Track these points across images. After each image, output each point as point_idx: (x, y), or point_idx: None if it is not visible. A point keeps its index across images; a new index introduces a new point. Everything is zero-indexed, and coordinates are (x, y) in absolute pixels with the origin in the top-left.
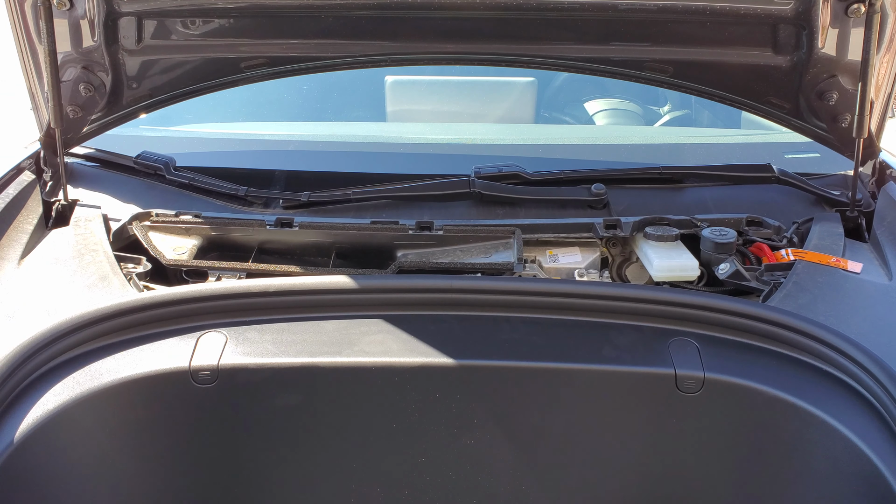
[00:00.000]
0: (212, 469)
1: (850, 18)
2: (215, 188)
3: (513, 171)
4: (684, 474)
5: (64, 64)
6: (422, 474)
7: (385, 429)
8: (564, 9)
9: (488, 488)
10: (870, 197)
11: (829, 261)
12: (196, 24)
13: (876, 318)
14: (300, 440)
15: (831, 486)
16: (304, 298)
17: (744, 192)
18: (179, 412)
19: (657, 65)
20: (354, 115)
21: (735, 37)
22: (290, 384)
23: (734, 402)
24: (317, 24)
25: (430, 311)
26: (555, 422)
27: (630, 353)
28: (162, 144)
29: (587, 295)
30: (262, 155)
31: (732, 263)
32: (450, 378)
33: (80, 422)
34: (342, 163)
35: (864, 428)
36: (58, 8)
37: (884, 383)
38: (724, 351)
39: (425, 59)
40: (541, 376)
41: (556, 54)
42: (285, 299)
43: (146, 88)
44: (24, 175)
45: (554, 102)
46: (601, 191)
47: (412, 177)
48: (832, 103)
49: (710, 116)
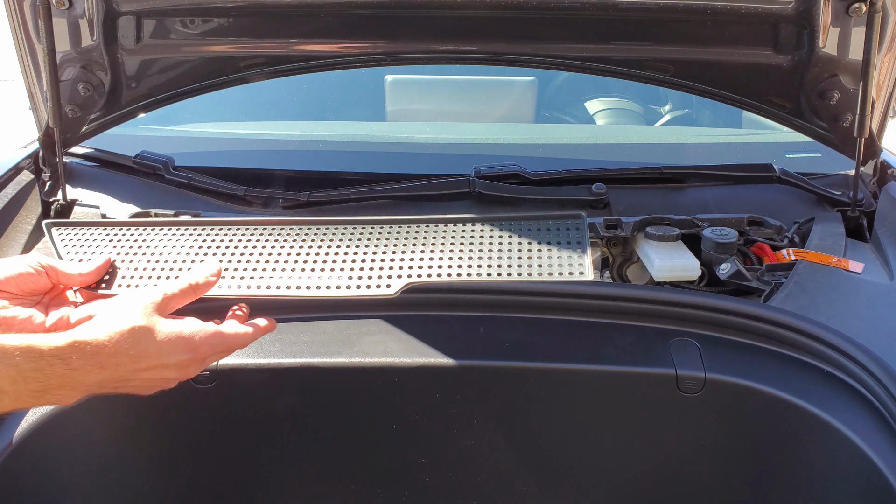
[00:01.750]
0: (211, 469)
1: (852, 18)
2: (214, 188)
3: (513, 171)
4: (685, 475)
5: (63, 63)
6: (422, 474)
7: (385, 429)
8: (565, 8)
9: (488, 489)
10: (871, 197)
11: (830, 261)
12: (195, 24)
13: (877, 319)
14: (299, 441)
15: (832, 486)
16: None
17: (745, 192)
18: (178, 413)
19: (658, 64)
20: (354, 115)
21: (736, 36)
22: (290, 384)
23: (735, 403)
24: (316, 24)
25: (430, 311)
26: (555, 422)
27: (631, 353)
28: (161, 144)
29: (587, 295)
30: (262, 155)
31: (733, 263)
32: (450, 379)
33: (79, 422)
34: (342, 162)
35: (865, 429)
36: (57, 7)
37: (885, 384)
38: (725, 351)
39: (425, 59)
40: (541, 377)
41: (557, 53)
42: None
43: (145, 88)
44: (23, 175)
45: (554, 102)
46: (602, 190)
47: (412, 176)
48: (833, 103)
49: (711, 116)
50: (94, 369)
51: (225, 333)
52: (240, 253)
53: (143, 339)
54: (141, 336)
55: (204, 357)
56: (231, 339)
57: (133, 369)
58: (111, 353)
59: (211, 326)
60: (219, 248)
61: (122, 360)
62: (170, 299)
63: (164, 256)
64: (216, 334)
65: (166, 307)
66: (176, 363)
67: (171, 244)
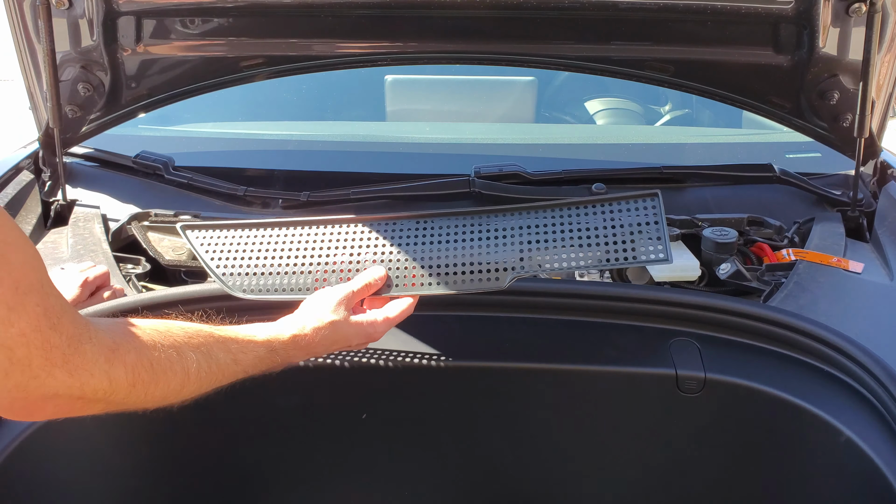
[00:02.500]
0: (211, 469)
1: (852, 18)
2: (214, 188)
3: (513, 171)
4: (685, 474)
5: (63, 63)
6: (422, 474)
7: (385, 429)
8: (565, 8)
9: (489, 489)
10: (871, 197)
11: (830, 261)
12: (195, 24)
13: (877, 319)
14: (300, 440)
15: (832, 486)
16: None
17: (745, 192)
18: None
19: (658, 64)
20: (354, 115)
21: (736, 36)
22: (290, 384)
23: (735, 403)
24: (316, 24)
25: (430, 311)
26: (555, 422)
27: (631, 353)
28: (161, 144)
29: (587, 295)
30: (262, 154)
31: (733, 263)
32: (450, 379)
33: (79, 422)
34: (342, 162)
35: (865, 428)
36: (57, 7)
37: (885, 384)
38: (725, 351)
39: (425, 59)
40: (541, 377)
41: (557, 53)
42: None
43: (145, 88)
44: (23, 175)
45: (554, 102)
46: (602, 190)
47: (412, 176)
48: (833, 103)
49: (711, 116)
50: (302, 354)
51: (389, 318)
52: (370, 251)
53: (338, 329)
54: (336, 327)
55: (377, 337)
56: (392, 320)
57: (328, 349)
58: (317, 342)
59: (381, 314)
60: (345, 246)
61: (322, 345)
62: (353, 296)
63: (298, 253)
64: (385, 321)
65: (350, 302)
66: (357, 344)
67: (303, 241)
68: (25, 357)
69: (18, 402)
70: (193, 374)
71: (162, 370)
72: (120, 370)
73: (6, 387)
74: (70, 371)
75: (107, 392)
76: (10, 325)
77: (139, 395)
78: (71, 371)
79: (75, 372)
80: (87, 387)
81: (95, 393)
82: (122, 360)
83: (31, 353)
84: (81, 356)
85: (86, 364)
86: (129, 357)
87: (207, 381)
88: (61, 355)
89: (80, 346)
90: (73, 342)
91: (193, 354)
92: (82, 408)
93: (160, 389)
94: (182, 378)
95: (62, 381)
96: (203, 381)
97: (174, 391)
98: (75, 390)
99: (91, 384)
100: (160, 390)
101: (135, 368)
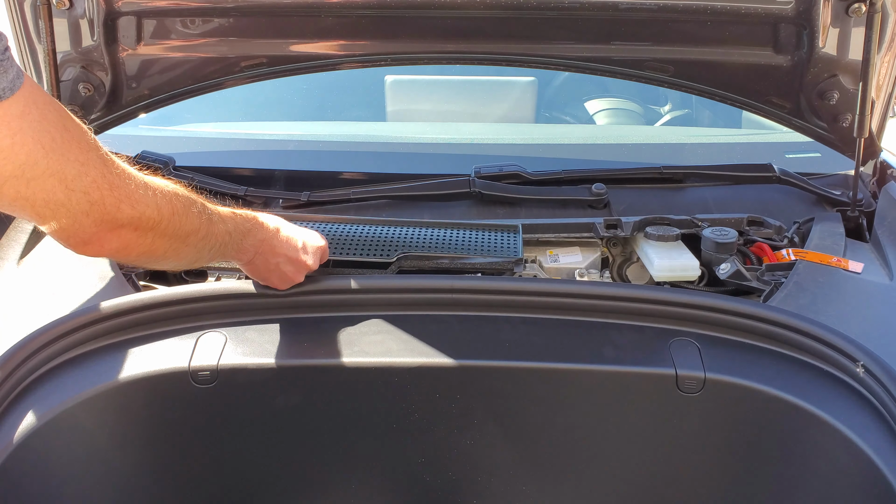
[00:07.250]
0: (211, 469)
1: (851, 18)
2: (215, 188)
3: (513, 171)
4: (685, 474)
5: (63, 63)
6: (422, 474)
7: (385, 429)
8: (565, 8)
9: (488, 488)
10: (871, 197)
11: (829, 261)
12: (195, 24)
13: (877, 318)
14: (300, 440)
15: (832, 486)
16: (303, 298)
17: (745, 192)
18: (179, 412)
19: (658, 64)
20: (354, 115)
21: (736, 36)
22: (290, 384)
23: (735, 403)
24: (316, 24)
25: (430, 311)
26: (555, 422)
27: (631, 353)
28: (161, 144)
29: (588, 295)
30: (262, 155)
31: (733, 263)
32: (450, 378)
33: (80, 422)
34: (342, 162)
35: (865, 428)
36: (57, 7)
37: (885, 384)
38: (724, 351)
39: (425, 59)
40: (541, 377)
41: (557, 54)
42: (285, 300)
43: (145, 88)
44: None
45: (554, 102)
46: (602, 190)
47: (412, 176)
48: (833, 103)
49: (711, 116)
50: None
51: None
52: None
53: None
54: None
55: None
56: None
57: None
58: (274, 235)
59: None
60: None
61: (276, 242)
62: (323, 250)
63: None
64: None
65: (317, 255)
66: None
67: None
68: (99, 199)
69: (95, 236)
70: (199, 207)
71: (184, 206)
72: (163, 200)
73: (87, 223)
74: (132, 204)
75: (156, 220)
76: (85, 174)
77: (176, 224)
78: (133, 204)
79: (136, 205)
80: (143, 217)
81: (149, 221)
82: (161, 193)
83: (103, 195)
84: (136, 192)
85: (141, 198)
86: (167, 189)
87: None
88: (125, 193)
89: (135, 185)
90: (130, 183)
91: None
92: (137, 239)
93: (190, 222)
94: (198, 214)
95: (127, 214)
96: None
97: (194, 228)
98: (135, 220)
99: (147, 214)
100: (190, 223)
101: (171, 200)
